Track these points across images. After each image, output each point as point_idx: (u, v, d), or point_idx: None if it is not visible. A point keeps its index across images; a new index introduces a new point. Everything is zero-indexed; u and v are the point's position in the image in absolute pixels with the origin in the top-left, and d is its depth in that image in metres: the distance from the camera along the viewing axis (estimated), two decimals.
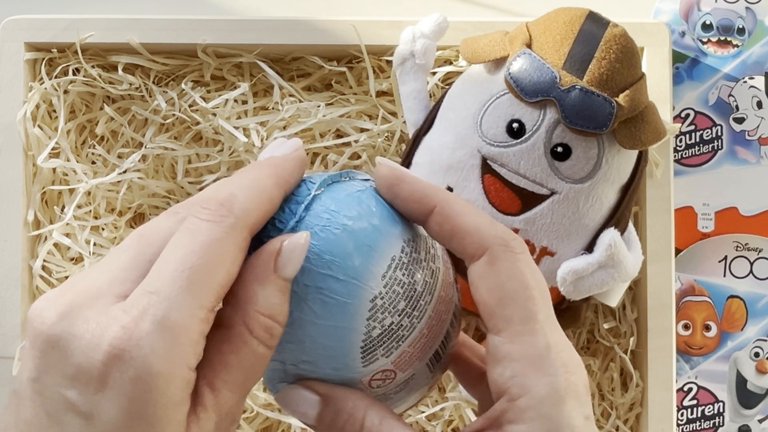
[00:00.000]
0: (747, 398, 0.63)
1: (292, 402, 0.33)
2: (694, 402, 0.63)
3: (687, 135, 0.64)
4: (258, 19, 0.58)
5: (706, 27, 0.64)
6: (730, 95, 0.63)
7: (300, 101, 0.59)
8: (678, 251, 0.63)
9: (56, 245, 0.58)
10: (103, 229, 0.59)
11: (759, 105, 0.63)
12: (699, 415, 0.63)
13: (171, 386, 0.28)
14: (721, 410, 0.63)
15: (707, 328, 0.63)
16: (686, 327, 0.63)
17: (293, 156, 0.33)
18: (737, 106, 0.63)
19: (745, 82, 0.63)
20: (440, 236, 0.33)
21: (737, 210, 0.64)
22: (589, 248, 0.53)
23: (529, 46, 0.51)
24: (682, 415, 0.63)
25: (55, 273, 0.58)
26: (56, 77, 0.59)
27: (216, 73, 0.60)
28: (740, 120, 0.63)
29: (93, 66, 0.59)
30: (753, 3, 0.64)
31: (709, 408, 0.63)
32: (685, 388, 0.63)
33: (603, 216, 0.53)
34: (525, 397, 0.31)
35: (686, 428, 0.63)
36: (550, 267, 0.52)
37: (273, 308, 0.30)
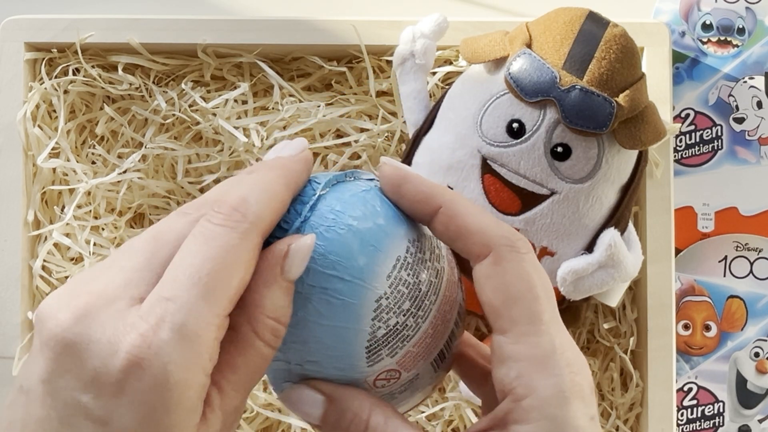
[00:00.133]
0: (747, 398, 0.63)
1: (297, 401, 0.33)
2: (694, 402, 0.63)
3: (687, 135, 0.64)
4: (258, 19, 0.58)
5: (706, 27, 0.64)
6: (730, 95, 0.63)
7: (300, 101, 0.59)
8: (678, 251, 0.63)
9: (56, 245, 0.58)
10: (103, 229, 0.59)
11: (759, 105, 0.63)
12: (699, 415, 0.63)
13: (188, 394, 0.28)
14: (721, 410, 0.63)
15: (707, 328, 0.63)
16: (686, 327, 0.63)
17: (300, 157, 0.33)
18: (737, 106, 0.63)
19: (745, 82, 0.63)
20: (445, 236, 0.33)
21: (737, 210, 0.64)
22: (589, 248, 0.53)
23: (529, 46, 0.51)
24: (682, 415, 0.63)
25: (55, 273, 0.58)
26: (56, 77, 0.59)
27: (216, 73, 0.60)
28: (740, 120, 0.63)
29: (93, 66, 0.59)
30: (753, 3, 0.64)
31: (709, 408, 0.63)
32: (685, 388, 0.63)
33: (603, 216, 0.53)
34: (530, 398, 0.31)
35: (686, 428, 0.63)
36: (550, 267, 0.52)
37: (279, 311, 0.31)
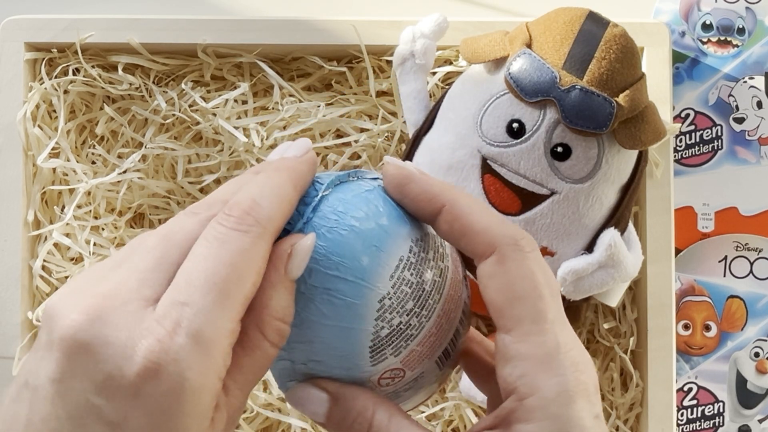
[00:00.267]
0: (747, 398, 0.63)
1: (302, 400, 0.33)
2: (694, 402, 0.63)
3: (687, 135, 0.64)
4: (258, 19, 0.58)
5: (706, 27, 0.64)
6: (730, 95, 0.63)
7: (300, 101, 0.59)
8: (678, 251, 0.63)
9: (56, 245, 0.58)
10: (103, 229, 0.59)
11: (759, 105, 0.63)
12: (699, 415, 0.63)
13: (203, 399, 0.28)
14: (721, 410, 0.63)
15: (707, 328, 0.63)
16: (686, 327, 0.63)
17: (306, 158, 0.33)
18: (737, 106, 0.63)
19: (745, 82, 0.63)
20: (449, 235, 0.33)
21: (737, 210, 0.64)
22: (589, 248, 0.53)
23: (529, 46, 0.51)
24: (682, 415, 0.63)
25: (55, 273, 0.58)
26: (56, 77, 0.59)
27: (216, 73, 0.60)
28: (740, 120, 0.63)
29: (93, 66, 0.59)
30: (753, 3, 0.64)
31: (709, 408, 0.63)
32: (685, 388, 0.63)
33: (603, 216, 0.53)
34: (534, 397, 0.31)
35: (686, 428, 0.63)
36: (551, 267, 0.52)
37: (284, 311, 0.31)
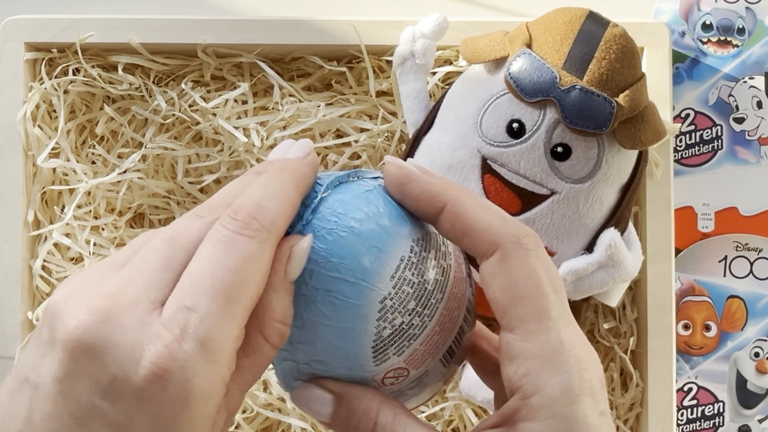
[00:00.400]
0: (747, 398, 0.63)
1: (307, 400, 0.34)
2: (694, 402, 0.63)
3: (687, 135, 0.64)
4: (258, 19, 0.58)
5: (706, 27, 0.64)
6: (730, 95, 0.63)
7: (300, 101, 0.59)
8: (678, 251, 0.63)
9: (56, 245, 0.58)
10: (103, 229, 0.59)
11: (759, 105, 0.63)
12: (699, 415, 0.63)
13: (208, 404, 0.28)
14: (721, 410, 0.63)
15: (707, 328, 0.63)
16: (686, 327, 0.63)
17: (308, 160, 0.33)
18: (737, 106, 0.63)
19: (745, 82, 0.63)
20: (451, 235, 0.33)
21: (737, 210, 0.64)
22: (589, 248, 0.53)
23: (529, 46, 0.51)
24: (682, 415, 0.63)
25: (55, 273, 0.58)
26: (56, 77, 0.59)
27: (216, 73, 0.60)
28: (740, 120, 0.63)
29: (93, 66, 0.59)
30: (753, 3, 0.64)
31: (709, 408, 0.63)
32: (685, 388, 0.63)
33: (603, 216, 0.53)
34: (538, 395, 0.31)
35: (686, 428, 0.63)
36: None
37: (285, 312, 0.31)
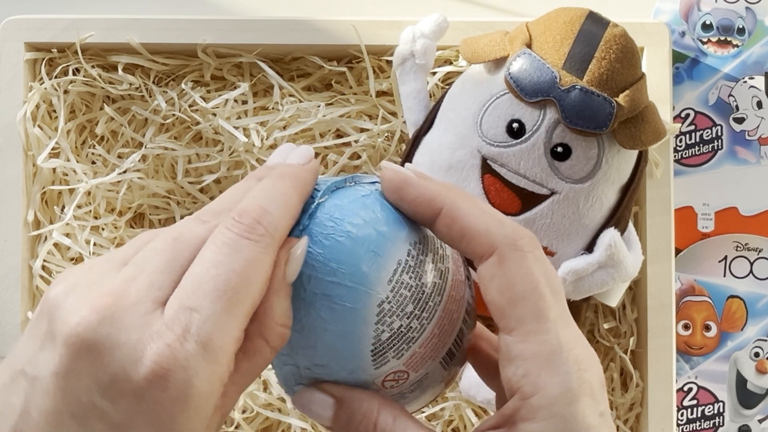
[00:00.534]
0: (747, 398, 0.63)
1: (308, 404, 0.34)
2: (694, 402, 0.63)
3: (687, 135, 0.64)
4: (258, 19, 0.58)
5: (706, 27, 0.64)
6: (730, 95, 0.63)
7: (300, 101, 0.59)
8: (678, 251, 0.63)
9: (56, 245, 0.58)
10: (103, 229, 0.59)
11: (759, 105, 0.63)
12: (699, 415, 0.63)
13: (207, 405, 0.28)
14: (721, 410, 0.63)
15: (707, 328, 0.63)
16: (686, 327, 0.63)
17: (309, 167, 0.34)
18: (737, 106, 0.63)
19: (745, 82, 0.63)
20: (448, 238, 0.33)
21: (737, 210, 0.64)
22: (589, 248, 0.53)
23: (529, 46, 0.51)
24: (682, 415, 0.63)
25: (55, 273, 0.58)
26: (56, 77, 0.59)
27: (216, 73, 0.60)
28: (740, 120, 0.63)
29: (93, 66, 0.59)
30: (753, 3, 0.64)
31: (709, 408, 0.63)
32: (685, 388, 0.63)
33: (603, 216, 0.53)
34: (537, 396, 0.31)
35: (686, 428, 0.63)
36: None
37: (285, 315, 0.31)
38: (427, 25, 0.55)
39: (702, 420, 0.63)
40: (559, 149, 0.51)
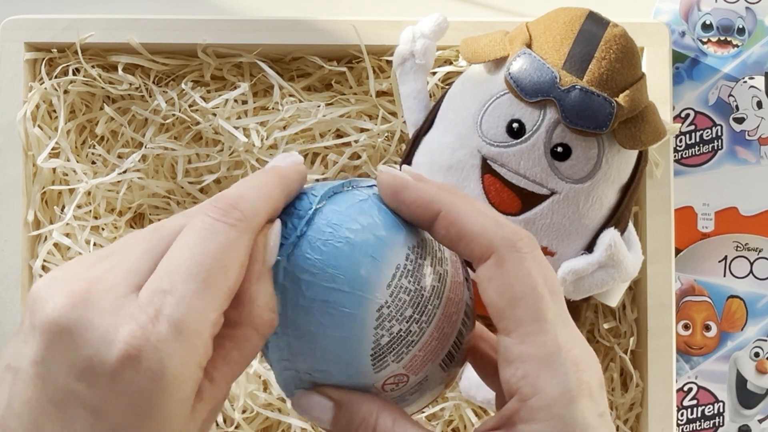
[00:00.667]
0: (747, 398, 0.63)
1: (307, 408, 0.34)
2: (694, 402, 0.63)
3: (687, 135, 0.64)
4: (258, 19, 0.58)
5: (706, 27, 0.64)
6: (730, 95, 0.63)
7: (300, 101, 0.59)
8: (678, 251, 0.63)
9: (56, 245, 0.58)
10: (103, 229, 0.59)
11: (759, 105, 0.63)
12: (699, 415, 0.63)
13: (183, 387, 0.28)
14: (721, 410, 0.63)
15: (707, 328, 0.63)
16: (686, 327, 0.63)
17: (296, 167, 0.34)
18: (737, 106, 0.63)
19: (745, 82, 0.63)
20: (446, 241, 0.33)
21: (737, 210, 0.64)
22: (589, 248, 0.53)
23: (529, 46, 0.51)
24: (682, 415, 0.63)
25: None
26: (56, 77, 0.59)
27: (216, 73, 0.60)
28: (740, 120, 0.63)
29: (93, 66, 0.59)
30: (753, 3, 0.64)
31: (709, 408, 0.63)
32: (685, 388, 0.63)
33: (603, 216, 0.53)
34: (536, 398, 0.31)
35: (686, 428, 0.63)
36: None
37: (270, 300, 0.31)
38: (427, 25, 0.55)
39: (702, 420, 0.63)
40: (559, 149, 0.51)
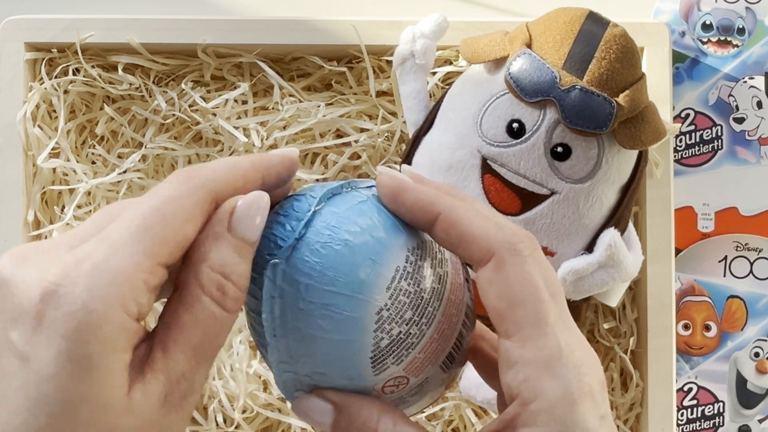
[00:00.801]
0: (747, 398, 0.63)
1: (307, 411, 0.34)
2: (694, 402, 0.63)
3: (687, 135, 0.64)
4: (258, 19, 0.58)
5: (706, 27, 0.64)
6: (730, 95, 0.63)
7: (300, 101, 0.59)
8: (678, 251, 0.63)
9: None
10: None
11: (759, 105, 0.63)
12: (699, 415, 0.63)
13: (106, 327, 0.27)
14: (721, 410, 0.63)
15: (707, 328, 0.63)
16: (686, 327, 0.63)
17: (280, 152, 0.34)
18: (737, 106, 0.63)
19: (745, 82, 0.63)
20: (446, 243, 0.33)
21: (737, 210, 0.64)
22: (589, 248, 0.53)
23: (529, 46, 0.51)
24: (682, 415, 0.63)
25: None
26: (56, 77, 0.59)
27: (216, 73, 0.60)
28: (740, 120, 0.63)
29: (93, 66, 0.59)
30: (753, 3, 0.64)
31: (709, 408, 0.63)
32: (685, 388, 0.63)
33: (603, 216, 0.53)
34: (537, 401, 0.31)
35: (686, 428, 0.63)
36: None
37: (226, 265, 0.30)
38: (427, 25, 0.55)
39: (702, 420, 0.63)
40: (559, 149, 0.51)
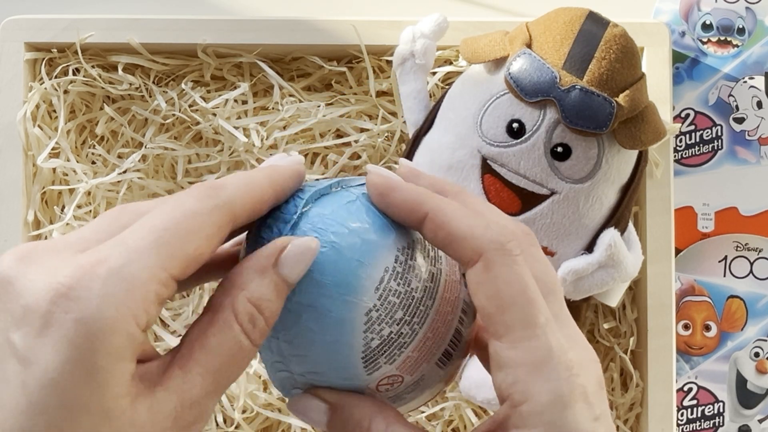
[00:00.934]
0: (747, 398, 0.63)
1: (302, 410, 0.34)
2: (694, 402, 0.63)
3: (687, 135, 0.64)
4: (258, 19, 0.58)
5: (706, 27, 0.64)
6: (730, 95, 0.63)
7: (300, 101, 0.59)
8: (678, 251, 0.63)
9: None
10: None
11: (759, 105, 0.63)
12: (699, 415, 0.63)
13: (114, 336, 0.27)
14: (721, 410, 0.63)
15: (707, 328, 0.63)
16: (686, 327, 0.63)
17: (291, 166, 0.33)
18: (737, 106, 0.63)
19: (745, 82, 0.63)
20: (436, 243, 0.33)
21: (737, 210, 0.64)
22: (589, 248, 0.53)
23: (529, 46, 0.51)
24: (682, 415, 0.63)
25: None
26: (56, 77, 0.59)
27: (216, 73, 0.60)
28: (740, 120, 0.63)
29: (93, 66, 0.59)
30: (753, 3, 0.64)
31: (709, 408, 0.63)
32: (685, 388, 0.63)
33: (603, 216, 0.53)
34: (527, 404, 0.30)
35: (686, 428, 0.63)
36: None
37: (262, 299, 0.30)
38: (427, 25, 0.55)
39: (702, 420, 0.63)
40: (559, 149, 0.51)
